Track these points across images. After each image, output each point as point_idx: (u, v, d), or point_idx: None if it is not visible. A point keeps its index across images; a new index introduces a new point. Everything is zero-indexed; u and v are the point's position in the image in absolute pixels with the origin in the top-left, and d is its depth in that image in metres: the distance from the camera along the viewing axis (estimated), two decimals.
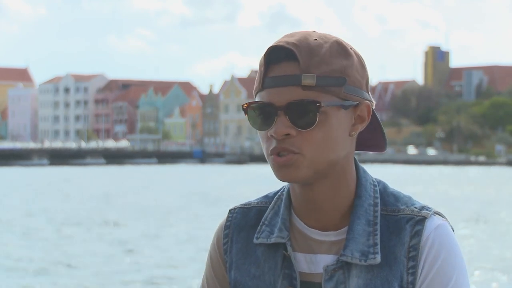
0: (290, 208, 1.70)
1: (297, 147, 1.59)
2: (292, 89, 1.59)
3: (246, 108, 1.64)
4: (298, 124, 1.58)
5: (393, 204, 1.67)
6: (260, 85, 1.63)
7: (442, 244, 1.62)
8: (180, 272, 16.66)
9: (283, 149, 1.60)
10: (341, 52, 1.63)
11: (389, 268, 1.62)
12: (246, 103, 1.63)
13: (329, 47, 1.62)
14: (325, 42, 1.62)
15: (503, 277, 16.28)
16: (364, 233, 1.64)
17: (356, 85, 1.63)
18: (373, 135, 1.73)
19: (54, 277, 16.10)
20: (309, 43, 1.61)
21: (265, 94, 1.62)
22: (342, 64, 1.61)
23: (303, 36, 1.63)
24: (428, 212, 1.64)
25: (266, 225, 1.71)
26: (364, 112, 1.65)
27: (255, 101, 1.63)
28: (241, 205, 1.78)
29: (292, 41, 1.61)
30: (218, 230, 1.77)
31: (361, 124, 1.65)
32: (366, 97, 1.65)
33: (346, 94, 1.61)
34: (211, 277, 1.77)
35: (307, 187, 1.65)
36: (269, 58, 1.62)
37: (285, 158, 1.59)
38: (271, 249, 1.69)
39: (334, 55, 1.61)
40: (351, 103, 1.62)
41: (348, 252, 1.63)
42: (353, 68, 1.63)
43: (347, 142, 1.64)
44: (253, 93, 1.65)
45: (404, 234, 1.63)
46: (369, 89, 1.68)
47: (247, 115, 1.64)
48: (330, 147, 1.61)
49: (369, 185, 1.68)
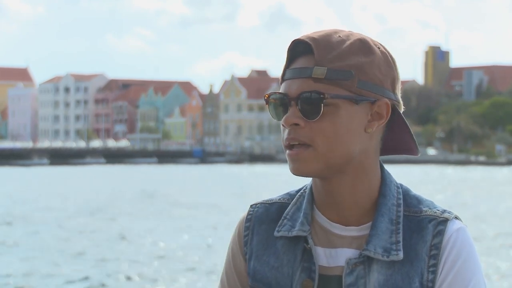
0: (313, 203, 1.73)
1: (308, 138, 1.63)
2: (304, 81, 1.64)
3: (267, 99, 1.69)
4: (306, 115, 1.63)
5: (415, 206, 1.70)
6: (282, 78, 1.69)
7: (463, 246, 1.65)
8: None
9: (293, 139, 1.64)
10: (362, 49, 1.65)
11: (410, 264, 1.65)
12: (267, 94, 1.69)
13: (350, 43, 1.65)
14: (348, 39, 1.66)
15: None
16: (387, 231, 1.66)
17: (375, 82, 1.64)
18: (404, 138, 1.74)
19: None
20: (330, 39, 1.65)
21: (284, 85, 1.68)
22: (359, 60, 1.64)
23: (327, 32, 1.67)
24: (450, 215, 1.68)
25: (288, 219, 1.74)
26: (382, 110, 1.66)
27: (274, 92, 1.69)
28: (263, 201, 1.81)
29: (313, 36, 1.65)
30: (240, 223, 1.80)
31: (378, 121, 1.66)
32: (387, 95, 1.66)
33: (359, 90, 1.63)
34: (230, 268, 1.79)
35: (326, 181, 1.68)
36: (291, 51, 1.68)
37: (296, 151, 1.64)
38: (291, 242, 1.72)
39: (354, 52, 1.64)
40: (365, 98, 1.64)
41: (371, 247, 1.65)
42: (373, 65, 1.64)
43: (363, 137, 1.66)
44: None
45: (427, 232, 1.66)
46: (396, 89, 1.70)
47: (268, 106, 1.70)
48: (341, 140, 1.63)
49: (393, 186, 1.71)
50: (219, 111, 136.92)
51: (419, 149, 1.67)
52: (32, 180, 55.05)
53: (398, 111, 1.70)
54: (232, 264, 1.79)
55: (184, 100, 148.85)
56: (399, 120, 1.71)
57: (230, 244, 1.81)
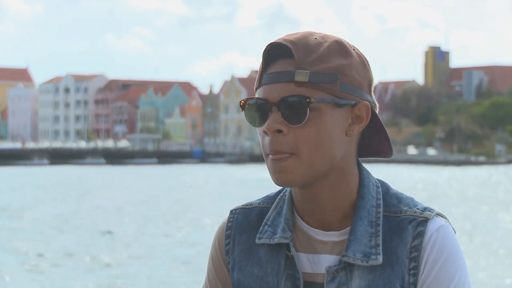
0: (293, 209, 1.70)
1: (290, 146, 1.59)
2: (286, 85, 1.59)
3: (243, 104, 1.64)
4: (290, 120, 1.58)
5: (395, 206, 1.66)
6: (258, 82, 1.64)
7: (444, 245, 1.61)
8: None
9: (276, 151, 1.59)
10: (340, 51, 1.62)
11: (391, 268, 1.61)
12: (243, 100, 1.64)
13: (327, 46, 1.62)
14: (325, 41, 1.62)
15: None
16: (366, 234, 1.63)
17: (355, 84, 1.62)
18: (377, 139, 1.71)
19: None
20: (307, 41, 1.61)
21: (261, 90, 1.63)
22: (339, 63, 1.61)
23: (303, 35, 1.63)
24: (431, 213, 1.64)
25: (269, 226, 1.70)
26: (363, 112, 1.64)
27: (250, 98, 1.63)
28: (243, 206, 1.77)
29: (290, 39, 1.62)
30: (219, 231, 1.76)
31: (359, 124, 1.64)
32: (365, 98, 1.64)
33: (341, 93, 1.60)
34: (213, 277, 1.76)
35: (307, 189, 1.64)
36: (267, 55, 1.63)
37: (280, 161, 1.59)
38: (273, 250, 1.68)
39: (332, 54, 1.61)
40: (347, 102, 1.61)
41: (350, 253, 1.62)
42: (352, 67, 1.62)
43: (344, 141, 1.63)
44: (254, 90, 1.67)
45: (406, 235, 1.63)
46: (372, 91, 1.67)
47: (244, 112, 1.64)
48: (325, 145, 1.60)
49: (372, 186, 1.67)
50: (219, 111, 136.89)
51: (420, 149, 1.71)
52: (33, 180, 55.06)
53: (375, 113, 1.67)
54: (215, 273, 1.75)
55: (184, 101, 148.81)
56: (375, 121, 1.68)
57: (210, 253, 1.77)
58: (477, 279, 15.59)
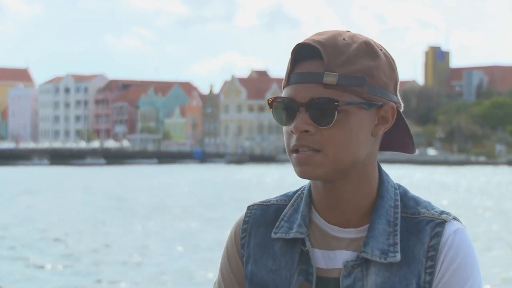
0: (311, 206, 1.72)
1: (317, 144, 1.61)
2: (314, 87, 1.61)
3: (271, 102, 1.66)
4: (317, 122, 1.60)
5: (413, 208, 1.69)
6: (286, 81, 1.66)
7: (460, 247, 1.64)
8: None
9: (302, 146, 1.62)
10: (369, 52, 1.64)
11: (408, 266, 1.64)
12: (271, 98, 1.66)
13: (356, 47, 1.63)
14: (354, 42, 1.64)
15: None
16: (385, 233, 1.66)
17: (382, 86, 1.64)
18: (400, 136, 1.74)
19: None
20: (336, 42, 1.63)
21: (289, 90, 1.64)
22: (367, 64, 1.63)
23: (332, 35, 1.64)
24: (448, 216, 1.67)
25: (285, 221, 1.73)
26: (388, 114, 1.66)
27: (279, 96, 1.65)
28: (260, 202, 1.79)
29: (319, 39, 1.63)
30: (236, 225, 1.78)
31: (384, 125, 1.67)
32: (392, 99, 1.66)
33: (369, 95, 1.63)
34: (227, 271, 1.77)
35: (329, 185, 1.66)
36: (296, 55, 1.64)
37: (305, 155, 1.62)
38: (288, 245, 1.71)
39: (361, 55, 1.63)
40: (374, 103, 1.63)
41: (369, 249, 1.64)
42: (380, 69, 1.64)
43: (369, 142, 1.66)
44: (281, 88, 1.69)
45: (424, 234, 1.66)
46: (397, 91, 1.70)
47: (272, 110, 1.66)
48: (351, 146, 1.62)
49: (391, 187, 1.70)
50: (219, 111, 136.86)
51: (420, 149, 1.71)
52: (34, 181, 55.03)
53: (400, 113, 1.71)
54: (229, 266, 1.77)
55: (184, 101, 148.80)
56: (400, 121, 1.72)
57: (225, 246, 1.79)
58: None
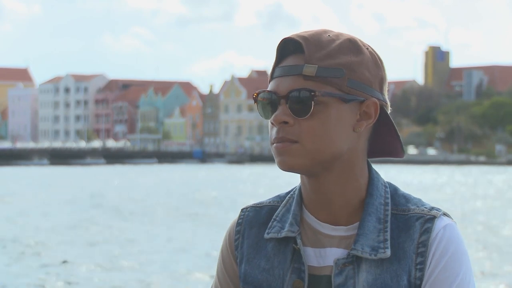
0: (302, 205, 1.75)
1: (295, 135, 1.64)
2: (294, 79, 1.64)
3: (256, 97, 1.69)
4: (296, 113, 1.63)
5: (403, 205, 1.71)
6: (270, 76, 1.70)
7: (450, 242, 1.66)
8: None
9: (281, 139, 1.65)
10: (352, 48, 1.67)
11: (398, 262, 1.66)
12: (255, 92, 1.69)
13: (339, 43, 1.66)
14: (338, 38, 1.67)
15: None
16: (375, 230, 1.68)
17: (364, 81, 1.66)
18: (389, 138, 1.75)
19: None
20: (320, 38, 1.66)
21: (272, 83, 1.68)
22: (349, 59, 1.65)
23: (317, 32, 1.68)
24: (438, 212, 1.69)
25: (278, 221, 1.75)
26: (371, 109, 1.67)
27: (262, 90, 1.69)
28: (253, 204, 1.82)
29: (303, 35, 1.66)
30: (230, 227, 1.81)
31: (366, 121, 1.68)
32: (375, 95, 1.67)
33: (349, 89, 1.64)
34: (222, 272, 1.80)
35: (313, 179, 1.69)
36: (280, 50, 1.68)
37: (283, 145, 1.64)
38: (281, 244, 1.73)
39: (343, 51, 1.66)
40: (354, 97, 1.65)
41: (359, 247, 1.66)
42: (362, 65, 1.66)
43: (351, 136, 1.67)
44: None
45: (414, 231, 1.68)
46: (384, 90, 1.71)
47: (257, 105, 1.70)
48: (329, 138, 1.64)
49: (381, 185, 1.72)
50: (219, 111, 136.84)
51: (420, 149, 1.70)
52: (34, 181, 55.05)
53: (386, 112, 1.72)
54: (224, 268, 1.80)
55: (184, 101, 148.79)
56: (386, 121, 1.73)
57: (221, 248, 1.82)
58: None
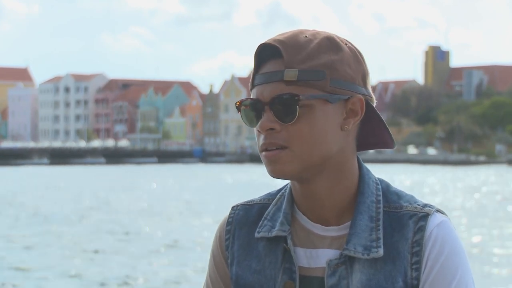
0: (293, 203, 1.72)
1: (284, 140, 1.61)
2: (276, 85, 1.62)
3: (239, 106, 1.67)
4: (281, 118, 1.61)
5: (395, 202, 1.68)
6: (251, 83, 1.68)
7: (445, 240, 1.63)
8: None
9: (270, 144, 1.62)
10: (331, 47, 1.64)
11: (393, 263, 1.63)
12: (238, 101, 1.67)
13: (317, 42, 1.63)
14: (315, 38, 1.64)
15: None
16: (367, 229, 1.65)
17: (346, 79, 1.63)
18: (377, 131, 1.72)
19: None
20: (297, 39, 1.64)
21: (255, 91, 1.66)
22: (329, 58, 1.62)
23: (294, 33, 1.66)
24: (431, 209, 1.66)
25: (268, 220, 1.72)
26: (357, 106, 1.65)
27: (245, 98, 1.66)
28: (244, 203, 1.80)
29: (280, 39, 1.64)
30: (220, 227, 1.78)
31: (353, 118, 1.65)
32: (359, 91, 1.65)
33: (332, 88, 1.62)
34: (214, 272, 1.78)
35: (305, 183, 1.66)
36: (258, 56, 1.66)
37: (273, 153, 1.62)
38: (272, 243, 1.70)
39: (323, 50, 1.63)
40: (339, 96, 1.63)
41: (351, 246, 1.64)
42: (343, 62, 1.63)
43: (339, 136, 1.64)
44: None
45: (407, 230, 1.64)
46: (367, 84, 1.68)
47: (240, 113, 1.67)
48: (318, 140, 1.62)
49: (372, 183, 1.69)
50: (219, 111, 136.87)
51: (420, 149, 1.68)
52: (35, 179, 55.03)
53: (372, 106, 1.69)
54: (215, 268, 1.77)
55: (184, 100, 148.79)
56: (373, 114, 1.70)
57: (211, 248, 1.79)
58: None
